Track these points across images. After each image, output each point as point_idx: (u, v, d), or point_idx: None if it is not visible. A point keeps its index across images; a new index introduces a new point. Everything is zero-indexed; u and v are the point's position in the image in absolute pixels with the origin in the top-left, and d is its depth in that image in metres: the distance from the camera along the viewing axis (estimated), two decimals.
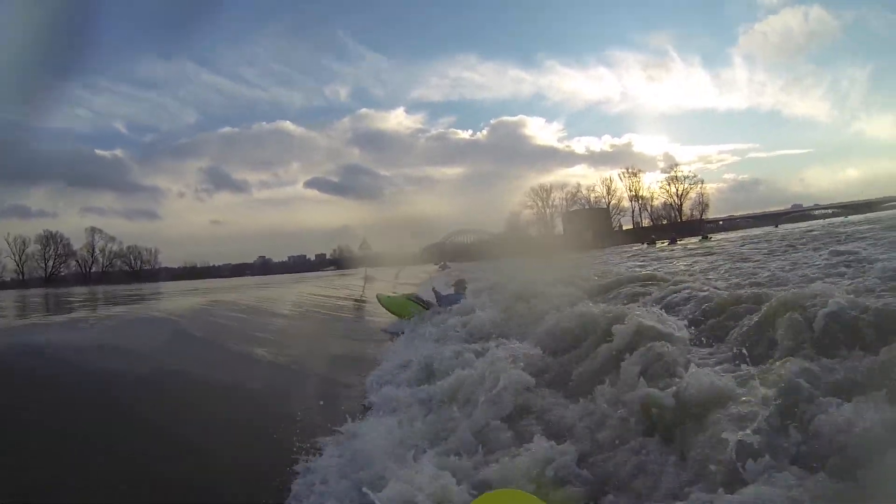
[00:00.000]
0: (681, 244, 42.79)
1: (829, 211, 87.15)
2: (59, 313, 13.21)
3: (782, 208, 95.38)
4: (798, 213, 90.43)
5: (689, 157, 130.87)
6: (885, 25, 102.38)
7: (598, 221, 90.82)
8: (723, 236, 51.04)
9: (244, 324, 10.44)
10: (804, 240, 20.13)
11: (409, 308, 12.37)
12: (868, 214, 56.32)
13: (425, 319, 11.05)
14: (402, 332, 10.30)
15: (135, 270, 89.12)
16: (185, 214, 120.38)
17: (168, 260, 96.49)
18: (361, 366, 7.87)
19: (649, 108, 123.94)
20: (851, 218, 48.80)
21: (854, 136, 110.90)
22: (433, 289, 13.00)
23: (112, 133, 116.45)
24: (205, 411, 5.31)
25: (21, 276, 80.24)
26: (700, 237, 52.39)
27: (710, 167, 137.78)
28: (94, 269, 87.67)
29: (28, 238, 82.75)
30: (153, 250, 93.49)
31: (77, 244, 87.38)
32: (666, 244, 46.55)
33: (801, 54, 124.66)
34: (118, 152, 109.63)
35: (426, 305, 12.36)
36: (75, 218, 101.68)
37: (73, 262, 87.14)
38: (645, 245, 50.20)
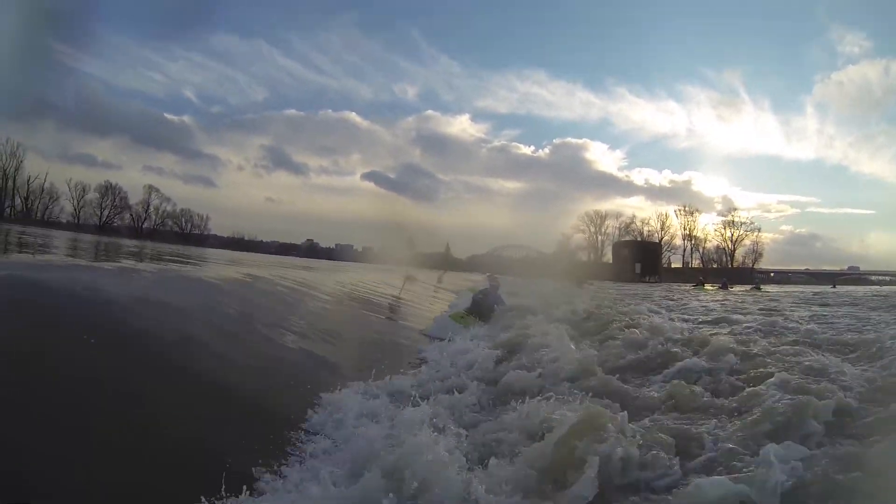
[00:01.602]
0: (733, 290, 41.52)
1: (887, 278, 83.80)
2: (103, 260, 13.46)
3: (838, 268, 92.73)
4: (854, 276, 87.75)
5: (748, 204, 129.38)
6: None
7: (647, 255, 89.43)
8: (776, 288, 49.67)
9: (278, 303, 10.54)
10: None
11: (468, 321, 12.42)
12: None
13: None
14: (446, 339, 9.97)
15: (184, 233, 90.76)
16: (241, 187, 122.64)
17: (218, 228, 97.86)
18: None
19: (713, 148, 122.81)
20: None
21: None
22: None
23: (182, 99, 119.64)
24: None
25: (77, 221, 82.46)
26: (752, 286, 50.96)
27: (768, 216, 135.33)
28: (145, 225, 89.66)
29: (89, 185, 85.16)
30: (204, 216, 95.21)
31: (134, 199, 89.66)
32: (716, 288, 45.30)
33: (876, 110, 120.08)
34: (185, 118, 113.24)
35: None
36: (136, 174, 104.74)
37: (128, 216, 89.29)
38: (692, 286, 48.74)
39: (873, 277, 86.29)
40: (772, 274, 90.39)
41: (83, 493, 3.25)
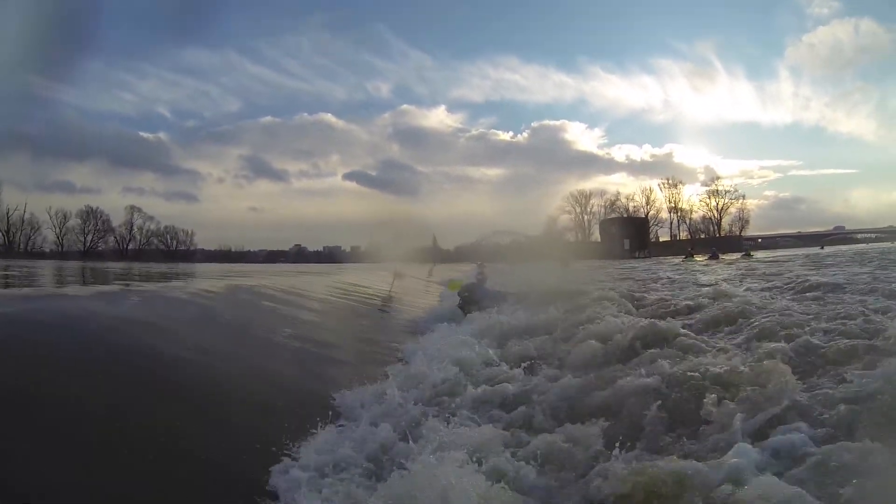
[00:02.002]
0: (724, 259, 41.39)
1: (873, 235, 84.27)
2: (90, 284, 13.28)
3: (824, 229, 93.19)
4: (840, 236, 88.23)
5: (730, 171, 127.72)
6: None
7: (635, 230, 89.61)
8: (766, 254, 49.65)
9: (268, 309, 10.46)
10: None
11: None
12: None
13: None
14: None
15: (170, 250, 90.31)
16: (224, 199, 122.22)
17: (204, 242, 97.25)
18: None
19: (691, 119, 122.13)
20: None
21: None
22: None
23: (156, 117, 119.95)
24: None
25: (60, 248, 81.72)
26: (742, 254, 50.99)
27: (751, 182, 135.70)
28: (130, 247, 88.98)
29: (69, 212, 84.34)
30: (189, 231, 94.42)
31: (116, 221, 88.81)
32: (706, 259, 45.18)
33: (849, 69, 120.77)
34: (161, 135, 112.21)
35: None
36: (117, 196, 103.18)
37: (112, 238, 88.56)
38: (682, 259, 48.53)
39: (859, 236, 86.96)
40: (759, 240, 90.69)
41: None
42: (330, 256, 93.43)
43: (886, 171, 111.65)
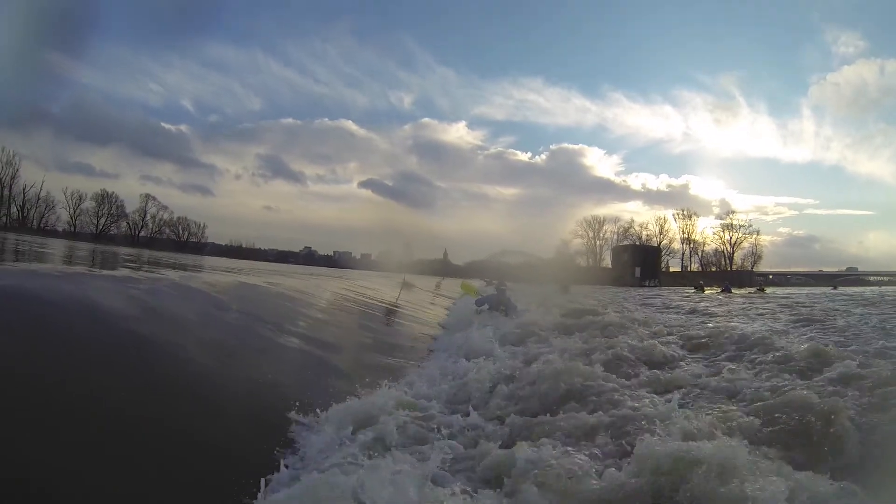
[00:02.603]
0: (737, 294, 40.86)
1: (886, 278, 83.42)
2: (97, 267, 13.18)
3: (836, 269, 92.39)
4: (853, 277, 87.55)
5: (745, 206, 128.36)
6: None
7: (647, 259, 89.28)
8: (780, 290, 49.21)
9: (274, 309, 10.33)
10: None
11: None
12: None
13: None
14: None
15: (181, 241, 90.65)
16: (239, 196, 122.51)
17: (215, 236, 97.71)
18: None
19: (710, 152, 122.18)
20: None
21: None
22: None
23: (179, 109, 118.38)
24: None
25: (73, 229, 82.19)
26: (756, 288, 50.61)
27: (766, 218, 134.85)
28: (142, 234, 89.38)
29: (85, 194, 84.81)
30: (202, 224, 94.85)
31: (131, 208, 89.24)
32: (718, 292, 44.69)
33: (872, 111, 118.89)
34: (183, 128, 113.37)
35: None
36: (134, 183, 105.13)
37: (124, 224, 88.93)
38: (693, 291, 47.99)
39: (871, 278, 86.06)
40: (770, 276, 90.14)
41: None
42: (339, 261, 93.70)
43: None
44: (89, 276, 9.59)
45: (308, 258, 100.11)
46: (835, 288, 58.63)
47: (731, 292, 43.17)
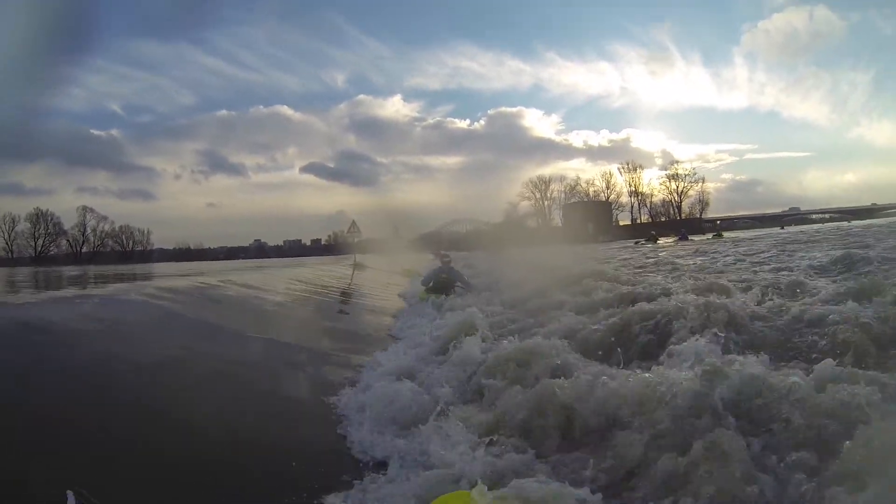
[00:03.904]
0: (696, 241, 40.89)
1: (827, 216, 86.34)
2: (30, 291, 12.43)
3: (779, 210, 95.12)
4: (796, 216, 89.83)
5: (687, 156, 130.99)
6: (891, 27, 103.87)
7: (598, 215, 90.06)
8: (738, 234, 49.68)
9: (224, 308, 9.76)
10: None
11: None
12: (871, 220, 55.28)
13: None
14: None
15: (126, 251, 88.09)
16: (181, 196, 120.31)
17: (161, 241, 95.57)
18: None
19: (648, 104, 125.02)
20: (854, 223, 47.66)
21: (854, 141, 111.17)
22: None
23: (107, 113, 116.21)
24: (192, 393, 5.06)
25: (10, 255, 78.81)
26: (713, 234, 51.27)
27: (708, 166, 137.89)
28: (84, 249, 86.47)
29: (18, 216, 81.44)
30: (146, 231, 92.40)
31: (69, 223, 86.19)
32: (675, 241, 44.93)
33: (803, 55, 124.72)
34: (114, 132, 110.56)
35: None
36: (70, 197, 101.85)
37: (64, 242, 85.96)
38: (643, 241, 47.89)
39: (814, 216, 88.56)
40: (718, 222, 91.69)
41: None
42: (291, 250, 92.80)
43: (838, 153, 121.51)
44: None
45: (259, 251, 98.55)
46: (782, 228, 59.95)
47: (688, 240, 43.55)
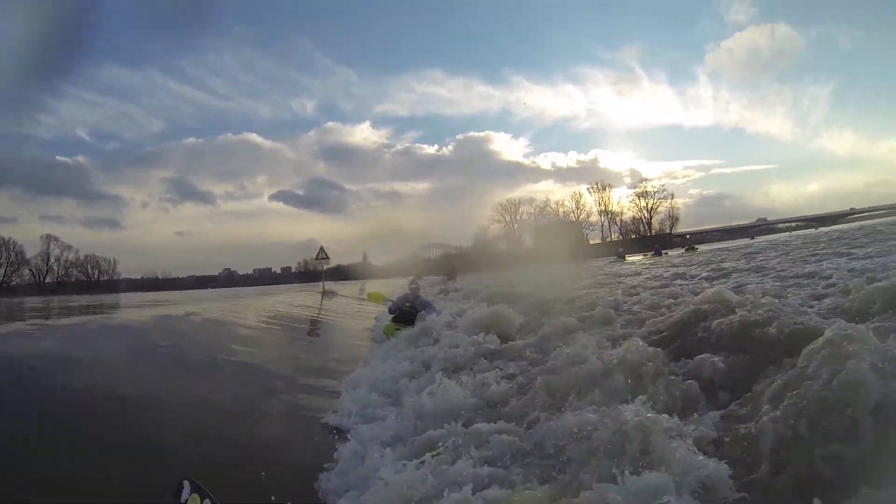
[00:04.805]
0: (672, 255, 41.42)
1: (794, 224, 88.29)
2: None
3: (748, 222, 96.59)
4: (764, 227, 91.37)
5: (655, 173, 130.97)
6: (849, 41, 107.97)
7: (570, 235, 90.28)
8: (709, 247, 50.59)
9: (193, 342, 9.35)
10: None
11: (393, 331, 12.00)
12: (836, 226, 56.81)
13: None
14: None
15: (92, 281, 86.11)
16: (148, 225, 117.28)
17: (129, 270, 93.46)
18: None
19: (615, 125, 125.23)
20: (821, 230, 48.65)
21: (816, 153, 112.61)
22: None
23: (74, 140, 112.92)
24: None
25: None
26: (686, 248, 51.98)
27: (676, 182, 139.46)
28: (48, 280, 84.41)
29: None
30: (112, 260, 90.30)
31: (32, 252, 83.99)
32: (648, 256, 45.18)
33: (765, 72, 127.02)
34: (80, 159, 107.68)
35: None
36: (34, 225, 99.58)
37: (27, 272, 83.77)
38: (614, 260, 47.76)
39: (781, 225, 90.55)
40: (688, 236, 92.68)
41: None
42: (261, 279, 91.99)
43: (801, 165, 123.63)
44: None
45: (229, 280, 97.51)
46: (752, 238, 60.92)
47: (661, 255, 43.73)
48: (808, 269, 12.44)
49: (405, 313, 12.97)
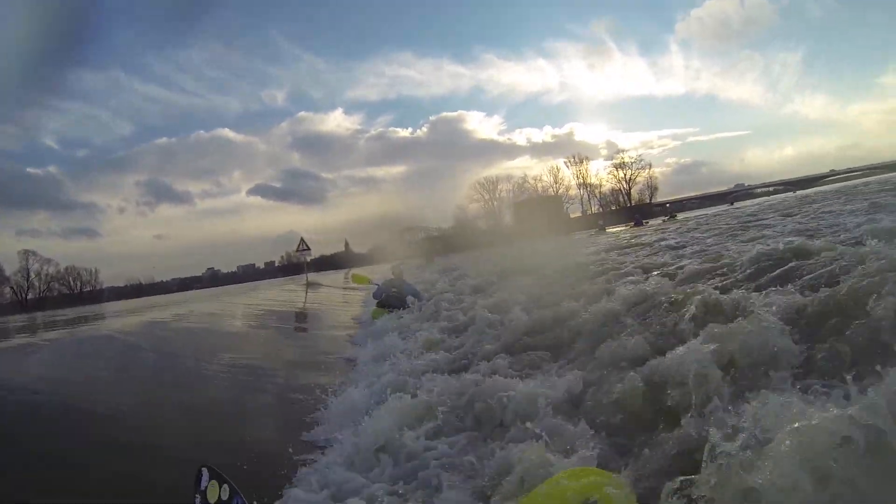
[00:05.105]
0: (653, 224, 41.42)
1: (771, 189, 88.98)
2: None
3: (726, 188, 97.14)
4: (743, 192, 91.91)
5: (631, 144, 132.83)
6: (818, 8, 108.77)
7: (550, 210, 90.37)
8: (688, 215, 50.91)
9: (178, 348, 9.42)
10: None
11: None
12: (814, 189, 57.35)
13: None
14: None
15: (75, 293, 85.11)
16: (127, 230, 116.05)
17: (111, 279, 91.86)
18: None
19: (589, 97, 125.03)
20: (799, 193, 49.11)
21: (788, 117, 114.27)
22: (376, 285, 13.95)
23: (43, 149, 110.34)
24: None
25: None
26: (667, 216, 52.38)
27: (652, 152, 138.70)
28: (30, 296, 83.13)
29: None
30: (93, 270, 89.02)
31: (12, 269, 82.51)
32: (630, 226, 45.26)
33: (736, 40, 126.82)
34: (51, 169, 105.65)
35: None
36: (10, 241, 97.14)
37: (8, 290, 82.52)
38: (595, 232, 47.48)
39: (758, 190, 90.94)
40: (668, 205, 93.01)
41: None
42: (245, 275, 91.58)
43: (775, 130, 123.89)
44: None
45: (213, 279, 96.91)
46: (731, 204, 61.39)
47: (642, 224, 43.86)
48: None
49: (392, 298, 12.96)
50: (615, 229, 47.38)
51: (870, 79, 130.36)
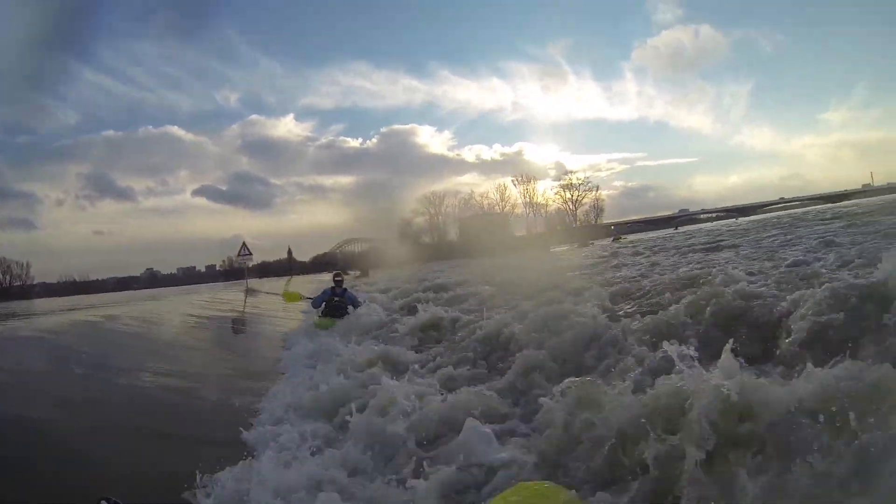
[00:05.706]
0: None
1: (714, 215, 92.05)
2: None
3: (670, 213, 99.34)
4: (686, 217, 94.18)
5: (580, 166, 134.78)
6: (769, 44, 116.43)
7: (496, 227, 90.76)
8: (635, 237, 52.13)
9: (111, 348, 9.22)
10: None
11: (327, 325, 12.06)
12: (755, 216, 59.45)
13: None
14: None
15: (3, 286, 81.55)
16: (65, 224, 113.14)
17: (44, 274, 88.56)
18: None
19: (541, 118, 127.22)
20: (741, 220, 50.88)
21: (736, 147, 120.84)
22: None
23: None
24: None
25: None
26: (612, 238, 53.65)
27: (601, 175, 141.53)
28: None
29: None
30: (25, 263, 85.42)
31: None
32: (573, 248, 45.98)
33: (689, 70, 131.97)
34: None
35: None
36: None
37: None
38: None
39: (702, 216, 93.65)
40: (612, 227, 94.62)
41: None
42: (185, 278, 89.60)
43: (722, 158, 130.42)
44: None
45: (151, 280, 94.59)
46: (675, 228, 63.00)
47: (589, 245, 44.55)
48: None
49: (335, 307, 12.80)
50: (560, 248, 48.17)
51: (814, 114, 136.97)
